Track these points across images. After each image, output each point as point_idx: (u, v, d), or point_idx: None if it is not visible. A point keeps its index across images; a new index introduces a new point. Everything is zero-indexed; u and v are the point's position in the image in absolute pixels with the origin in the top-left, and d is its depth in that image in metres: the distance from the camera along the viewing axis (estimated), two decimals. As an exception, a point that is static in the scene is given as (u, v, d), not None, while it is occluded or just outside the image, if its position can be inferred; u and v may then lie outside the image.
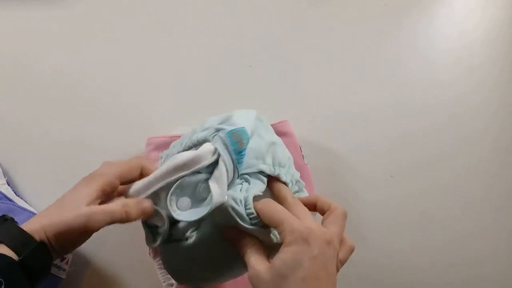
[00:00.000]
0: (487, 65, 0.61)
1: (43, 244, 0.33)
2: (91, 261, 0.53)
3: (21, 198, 0.53)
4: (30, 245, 0.33)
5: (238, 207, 0.35)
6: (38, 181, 0.54)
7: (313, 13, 0.60)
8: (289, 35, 0.59)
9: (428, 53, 0.60)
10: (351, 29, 0.60)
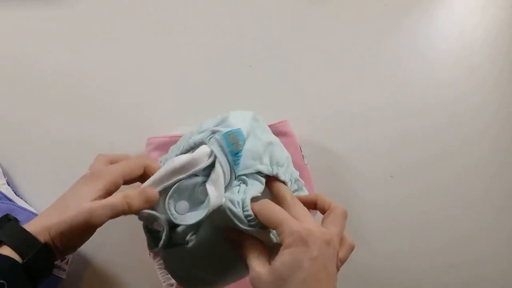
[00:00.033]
0: (487, 65, 0.61)
1: (47, 245, 0.33)
2: (91, 261, 0.53)
3: (21, 198, 0.53)
4: (34, 247, 0.33)
5: (235, 209, 0.35)
6: (38, 181, 0.54)
7: (313, 13, 0.60)
8: (289, 35, 0.59)
9: (428, 53, 0.60)
10: (351, 29, 0.60)
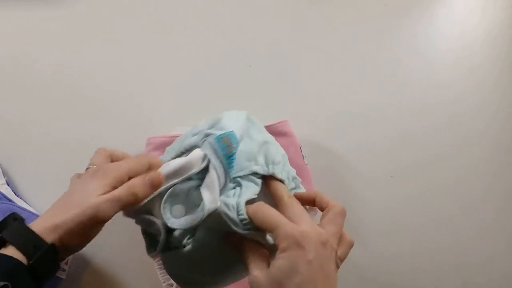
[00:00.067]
0: (487, 65, 0.61)
1: (54, 246, 0.33)
2: (91, 261, 0.53)
3: (20, 198, 0.53)
4: (40, 247, 0.32)
5: (230, 213, 0.35)
6: (37, 181, 0.54)
7: (313, 13, 0.60)
8: (289, 35, 0.59)
9: (428, 53, 0.60)
10: (351, 29, 0.60)
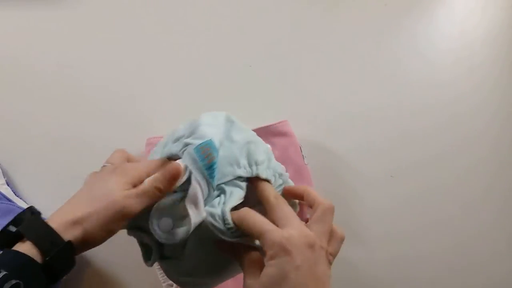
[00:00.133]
0: (487, 65, 0.61)
1: (70, 243, 0.32)
2: (91, 261, 0.53)
3: (20, 198, 0.53)
4: (57, 244, 0.32)
5: (216, 223, 0.35)
6: (37, 181, 0.54)
7: (313, 13, 0.60)
8: (289, 35, 0.59)
9: (428, 53, 0.60)
10: (351, 29, 0.60)
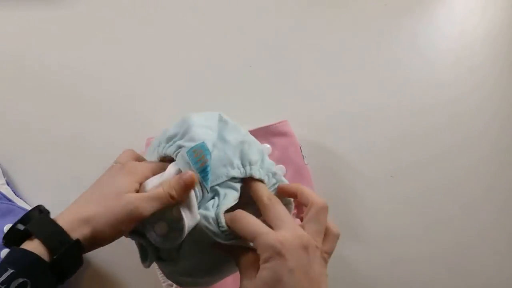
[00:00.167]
0: (487, 65, 0.61)
1: (78, 241, 0.32)
2: (91, 261, 0.53)
3: (20, 198, 0.53)
4: (65, 243, 0.32)
5: (211, 226, 0.35)
6: (38, 181, 0.54)
7: (313, 13, 0.60)
8: (289, 35, 0.59)
9: (428, 53, 0.60)
10: (351, 29, 0.60)
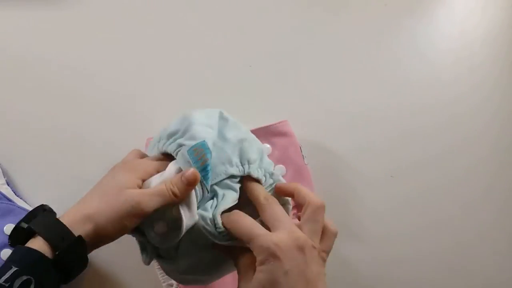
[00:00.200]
0: (487, 65, 0.61)
1: (81, 238, 0.32)
2: (91, 261, 0.53)
3: (20, 198, 0.53)
4: (68, 240, 0.32)
5: (208, 227, 0.35)
6: (38, 181, 0.54)
7: (313, 13, 0.60)
8: (289, 35, 0.59)
9: (428, 53, 0.60)
10: (351, 29, 0.60)
